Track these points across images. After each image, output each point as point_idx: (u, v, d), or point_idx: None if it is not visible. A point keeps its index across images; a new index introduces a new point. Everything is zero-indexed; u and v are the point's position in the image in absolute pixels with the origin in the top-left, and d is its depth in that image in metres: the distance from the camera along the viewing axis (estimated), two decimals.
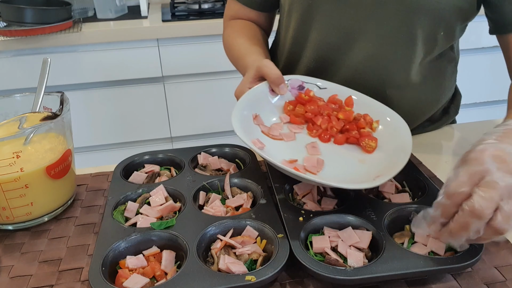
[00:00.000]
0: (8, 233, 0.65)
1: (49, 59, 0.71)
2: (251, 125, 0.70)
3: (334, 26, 0.77)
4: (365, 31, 0.76)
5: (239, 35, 0.88)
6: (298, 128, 0.73)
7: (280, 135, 0.70)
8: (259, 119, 0.71)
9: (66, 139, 0.68)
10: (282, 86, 0.73)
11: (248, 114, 0.70)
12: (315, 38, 0.80)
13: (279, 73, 0.71)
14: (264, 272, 0.51)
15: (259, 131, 0.70)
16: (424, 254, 0.54)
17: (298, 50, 0.85)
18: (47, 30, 1.60)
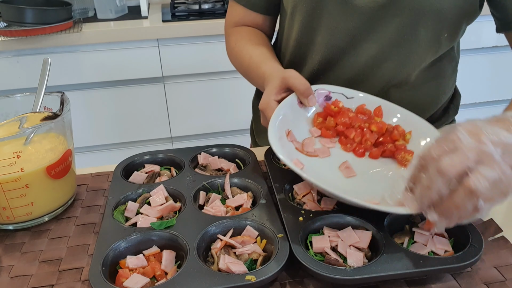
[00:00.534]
0: (8, 233, 0.65)
1: (49, 59, 0.71)
2: (285, 142, 0.67)
3: (338, 29, 0.77)
4: (369, 33, 0.75)
5: (248, 42, 0.85)
6: (331, 142, 0.71)
7: (315, 151, 0.69)
8: (292, 135, 0.69)
9: (67, 139, 0.68)
10: (311, 97, 0.70)
11: (282, 131, 0.67)
12: (319, 41, 0.79)
13: (307, 84, 0.69)
14: (264, 272, 0.51)
15: (293, 148, 0.68)
16: (424, 254, 0.54)
17: (301, 52, 0.84)
18: (47, 30, 1.60)
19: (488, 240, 0.60)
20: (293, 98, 0.70)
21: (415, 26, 0.73)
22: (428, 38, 0.75)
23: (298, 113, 0.71)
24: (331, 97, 0.75)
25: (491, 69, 2.07)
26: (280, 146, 0.62)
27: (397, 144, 0.70)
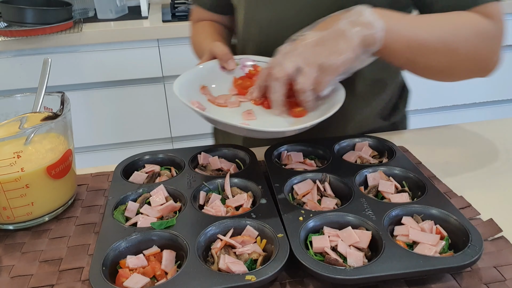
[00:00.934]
0: (8, 233, 0.65)
1: (49, 60, 0.71)
2: (197, 94, 0.74)
3: (270, 18, 0.82)
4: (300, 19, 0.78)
5: (201, 32, 0.95)
6: (245, 98, 0.77)
7: (225, 103, 0.75)
8: (207, 90, 0.76)
9: (67, 139, 0.68)
10: (230, 61, 0.79)
11: (195, 85, 0.75)
12: (256, 31, 0.85)
13: (226, 50, 0.79)
14: (264, 272, 0.51)
15: (205, 99, 0.75)
16: (424, 254, 0.54)
17: (248, 35, 0.89)
18: (47, 31, 1.60)
19: (488, 240, 0.60)
20: (215, 63, 0.80)
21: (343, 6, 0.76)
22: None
23: (218, 74, 0.80)
24: (254, 65, 0.83)
25: None
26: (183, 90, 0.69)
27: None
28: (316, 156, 0.79)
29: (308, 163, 0.75)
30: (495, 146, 0.85)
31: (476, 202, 0.67)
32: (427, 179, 0.68)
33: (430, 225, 0.59)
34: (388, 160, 0.77)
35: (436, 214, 0.60)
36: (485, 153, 0.83)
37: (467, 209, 0.66)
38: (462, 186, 0.72)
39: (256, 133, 0.66)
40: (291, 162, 0.76)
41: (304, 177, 0.70)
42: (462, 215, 0.59)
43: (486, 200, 0.68)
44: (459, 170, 0.78)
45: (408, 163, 0.73)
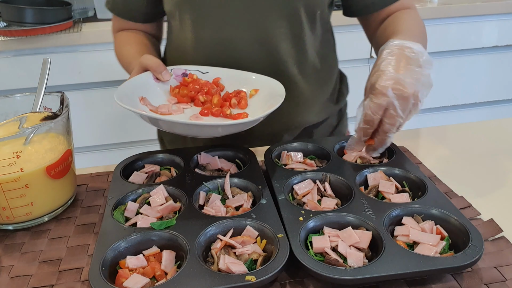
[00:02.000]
0: (8, 233, 0.65)
1: (49, 59, 0.71)
2: (138, 105, 0.74)
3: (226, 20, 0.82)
4: (257, 17, 0.81)
5: (125, 44, 0.93)
6: (187, 105, 0.79)
7: (169, 111, 0.76)
8: (146, 101, 0.76)
9: (66, 139, 0.68)
10: (164, 72, 0.79)
11: (134, 97, 0.74)
12: (208, 34, 0.85)
13: (159, 61, 0.78)
14: (264, 272, 0.51)
15: (147, 110, 0.75)
16: (424, 254, 0.54)
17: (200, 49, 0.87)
18: (47, 30, 1.60)
19: (488, 240, 0.60)
20: (149, 75, 0.80)
21: (294, 5, 0.81)
22: (307, 14, 0.84)
23: (153, 86, 0.80)
24: (187, 74, 0.84)
25: (491, 69, 2.07)
26: (125, 100, 0.69)
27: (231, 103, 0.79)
28: (316, 156, 0.78)
29: (308, 163, 0.75)
30: (495, 146, 0.85)
31: (477, 202, 0.67)
32: (427, 179, 0.68)
33: (431, 225, 0.59)
34: (388, 160, 0.76)
35: (436, 214, 0.60)
36: (485, 153, 0.83)
37: (468, 209, 0.66)
38: (462, 186, 0.72)
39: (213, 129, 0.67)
40: (291, 162, 0.76)
41: (304, 177, 0.70)
42: (462, 215, 0.59)
43: (487, 200, 0.68)
44: (459, 170, 0.78)
45: (408, 163, 0.73)
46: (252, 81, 0.82)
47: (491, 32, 1.96)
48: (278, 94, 0.76)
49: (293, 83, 0.88)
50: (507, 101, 2.23)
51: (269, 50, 0.84)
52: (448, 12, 1.86)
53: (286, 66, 0.86)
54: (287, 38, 0.84)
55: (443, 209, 0.60)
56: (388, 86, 0.65)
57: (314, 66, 0.91)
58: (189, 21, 0.85)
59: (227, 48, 0.85)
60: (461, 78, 2.07)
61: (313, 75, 0.91)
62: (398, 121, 0.67)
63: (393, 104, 0.65)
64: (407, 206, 0.62)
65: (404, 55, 0.69)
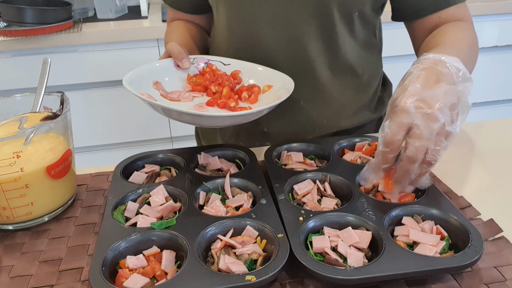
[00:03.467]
0: (8, 233, 0.65)
1: (49, 59, 0.71)
2: (149, 88, 0.76)
3: (257, 15, 0.82)
4: (287, 15, 0.80)
5: (172, 32, 0.95)
6: (199, 94, 0.80)
7: (178, 97, 0.77)
8: (160, 85, 0.78)
9: (66, 139, 0.68)
10: (184, 60, 0.81)
11: (148, 80, 0.77)
12: (240, 29, 0.85)
13: (181, 49, 0.80)
14: (264, 272, 0.51)
15: (157, 94, 0.76)
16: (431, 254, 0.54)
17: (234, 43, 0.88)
18: (47, 30, 1.60)
19: (488, 240, 0.60)
20: (170, 62, 0.82)
21: (326, 4, 0.78)
22: (340, 15, 0.80)
23: (172, 72, 0.82)
24: (209, 64, 0.85)
25: (491, 69, 2.07)
26: (133, 83, 0.71)
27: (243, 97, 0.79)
28: (316, 156, 0.78)
29: (308, 163, 0.75)
30: (495, 146, 0.85)
31: (476, 202, 0.67)
32: None
33: (431, 225, 0.59)
34: None
35: (436, 214, 0.60)
36: (485, 153, 0.83)
37: (468, 209, 0.66)
38: (462, 186, 0.72)
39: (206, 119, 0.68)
40: (291, 162, 0.76)
41: (304, 177, 0.70)
42: (462, 215, 0.59)
43: (486, 200, 0.68)
44: (459, 170, 0.78)
45: None
46: (270, 78, 0.82)
47: (491, 32, 1.96)
48: (287, 90, 0.75)
49: (321, 84, 0.86)
50: (507, 101, 2.23)
51: (297, 49, 0.83)
52: None
53: (314, 66, 0.85)
54: (318, 38, 0.82)
55: (443, 209, 0.60)
56: (410, 102, 0.58)
57: (351, 70, 0.88)
58: (223, 13, 0.86)
59: (256, 43, 0.84)
60: None
61: (348, 78, 0.88)
62: (425, 145, 0.57)
63: (417, 123, 0.57)
64: (407, 206, 0.62)
65: (435, 69, 0.61)
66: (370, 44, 0.90)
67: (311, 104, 0.88)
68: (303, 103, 0.88)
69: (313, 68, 0.85)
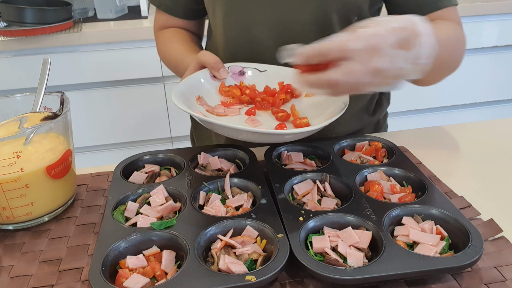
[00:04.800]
0: (8, 233, 0.65)
1: (49, 59, 0.71)
2: (194, 105, 0.74)
3: (255, 20, 0.81)
4: (285, 20, 0.79)
5: (172, 42, 0.92)
6: (241, 105, 0.78)
7: (225, 112, 0.75)
8: (203, 100, 0.76)
9: (66, 139, 0.68)
10: (222, 70, 0.78)
11: (191, 96, 0.74)
12: (238, 34, 0.84)
13: (217, 59, 0.77)
14: (264, 272, 0.51)
15: (203, 110, 0.75)
16: (431, 254, 0.54)
17: (228, 39, 0.87)
18: (47, 30, 1.60)
19: (488, 240, 0.60)
20: (206, 72, 0.79)
21: (326, 10, 0.78)
22: (340, 21, 0.80)
23: (210, 84, 0.79)
24: (244, 72, 0.82)
25: (491, 69, 2.07)
26: (183, 102, 0.69)
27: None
28: (316, 156, 0.78)
29: (308, 163, 0.75)
30: (495, 146, 0.85)
31: (476, 202, 0.67)
32: (427, 179, 0.68)
33: (431, 225, 0.59)
34: (388, 160, 0.76)
35: (436, 214, 0.60)
36: (485, 153, 0.83)
37: (468, 209, 0.66)
38: (462, 186, 0.72)
39: (269, 136, 0.66)
40: (291, 162, 0.76)
41: (304, 177, 0.70)
42: (462, 215, 0.59)
43: (486, 200, 0.68)
44: (459, 170, 0.78)
45: (408, 163, 0.73)
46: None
47: (491, 32, 1.96)
48: (341, 100, 0.71)
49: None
50: (507, 101, 2.23)
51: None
52: None
53: None
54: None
55: (443, 209, 0.60)
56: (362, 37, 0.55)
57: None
58: (220, 18, 0.85)
59: (253, 48, 0.83)
60: (461, 78, 2.07)
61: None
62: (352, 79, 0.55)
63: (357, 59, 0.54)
64: (407, 206, 0.62)
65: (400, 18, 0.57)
66: None
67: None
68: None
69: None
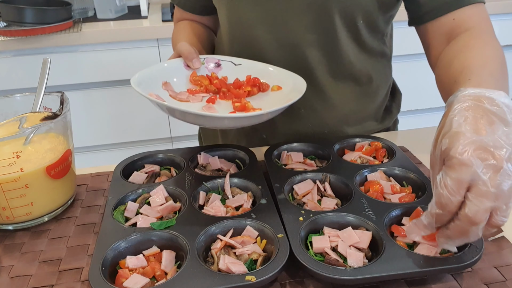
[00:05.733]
0: (8, 233, 0.65)
1: (49, 59, 0.71)
2: (157, 89, 0.75)
3: (257, 20, 0.81)
4: (286, 21, 0.79)
5: (179, 31, 0.95)
6: (206, 94, 0.79)
7: (188, 98, 0.77)
8: (169, 86, 0.77)
9: (66, 139, 0.68)
10: (195, 60, 0.80)
11: (157, 81, 0.76)
12: (241, 33, 0.84)
13: (191, 49, 0.80)
14: (264, 272, 0.51)
15: (166, 95, 0.76)
16: (431, 254, 0.54)
17: (232, 36, 0.88)
18: (47, 30, 1.60)
19: (488, 240, 0.60)
20: (180, 62, 0.81)
21: (328, 11, 0.77)
22: (344, 23, 0.79)
23: (182, 72, 0.81)
24: (220, 64, 0.84)
25: None
26: (142, 84, 0.70)
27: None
28: (316, 156, 0.78)
29: (308, 163, 0.75)
30: None
31: None
32: (428, 179, 0.68)
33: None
34: (388, 160, 0.76)
35: None
36: None
37: None
38: None
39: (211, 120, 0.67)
40: (291, 162, 0.76)
41: (304, 177, 0.70)
42: None
43: None
44: None
45: (408, 163, 0.73)
46: (281, 79, 0.80)
47: None
48: (299, 92, 0.73)
49: (323, 93, 0.85)
50: None
51: (297, 55, 0.82)
52: None
53: (315, 74, 0.83)
54: (319, 46, 0.81)
55: None
56: (469, 153, 0.47)
57: (355, 78, 0.85)
58: (225, 16, 0.86)
59: (255, 47, 0.84)
60: None
61: (352, 87, 0.86)
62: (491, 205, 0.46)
63: (481, 179, 0.46)
64: (407, 206, 0.62)
65: (483, 108, 0.51)
66: (379, 52, 0.87)
67: (312, 113, 0.87)
68: (304, 111, 0.87)
69: (314, 76, 0.83)
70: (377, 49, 0.86)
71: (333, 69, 0.84)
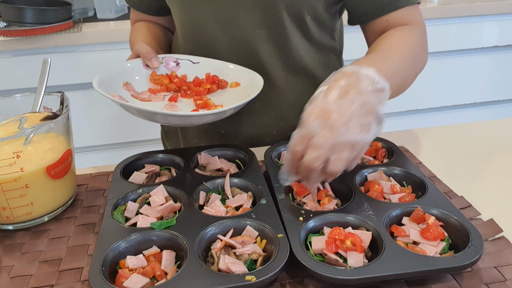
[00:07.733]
0: (8, 233, 0.65)
1: (49, 59, 0.71)
2: (119, 90, 0.76)
3: (208, 18, 0.82)
4: (236, 18, 0.80)
5: (135, 32, 0.96)
6: (168, 93, 0.81)
7: (149, 98, 0.78)
8: (130, 86, 0.79)
9: (66, 139, 0.68)
10: (153, 59, 0.82)
11: (118, 82, 0.77)
12: (194, 32, 0.86)
13: (149, 49, 0.81)
14: (264, 272, 0.51)
15: (128, 95, 0.77)
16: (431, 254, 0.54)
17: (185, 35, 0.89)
18: (47, 30, 1.60)
19: (488, 240, 0.60)
20: (138, 62, 0.83)
21: (275, 7, 0.78)
22: (292, 19, 0.80)
23: (141, 72, 0.82)
24: (178, 63, 0.86)
25: (491, 69, 2.07)
26: (104, 85, 0.72)
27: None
28: None
29: None
30: (495, 146, 0.85)
31: (477, 202, 0.67)
32: (427, 179, 0.68)
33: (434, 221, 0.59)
34: (388, 160, 0.76)
35: (436, 214, 0.60)
36: (485, 153, 0.83)
37: (468, 209, 0.66)
38: (462, 186, 0.72)
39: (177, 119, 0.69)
40: None
41: None
42: (462, 215, 0.59)
43: (487, 200, 0.68)
44: (459, 170, 0.78)
45: (408, 163, 0.73)
46: (239, 76, 0.82)
47: (491, 32, 1.96)
48: (257, 87, 0.76)
49: (276, 87, 0.86)
50: (507, 101, 2.23)
51: (249, 51, 0.83)
52: (448, 12, 1.86)
53: (267, 69, 0.84)
54: (269, 41, 0.82)
55: (443, 209, 0.60)
56: (311, 114, 0.58)
57: (307, 72, 0.87)
58: (177, 15, 0.87)
59: (208, 45, 0.85)
60: (461, 78, 2.06)
61: (304, 81, 0.88)
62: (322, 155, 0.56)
63: (317, 134, 0.56)
64: (407, 206, 0.62)
65: (346, 81, 0.60)
66: (328, 47, 0.89)
67: (267, 107, 0.88)
68: (258, 105, 0.88)
69: (266, 70, 0.84)
70: (326, 44, 0.89)
71: (285, 64, 0.85)
